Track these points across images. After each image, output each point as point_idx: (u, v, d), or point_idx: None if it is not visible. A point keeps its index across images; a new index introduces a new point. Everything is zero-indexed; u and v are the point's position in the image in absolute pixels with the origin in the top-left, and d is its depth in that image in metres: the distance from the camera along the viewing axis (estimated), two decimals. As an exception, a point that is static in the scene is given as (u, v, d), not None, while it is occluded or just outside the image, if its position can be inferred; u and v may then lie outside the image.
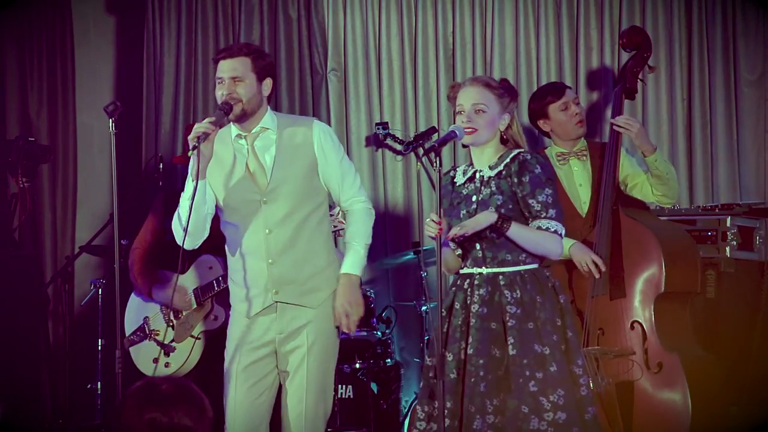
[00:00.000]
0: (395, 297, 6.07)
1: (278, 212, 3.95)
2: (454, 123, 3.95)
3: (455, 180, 4.04)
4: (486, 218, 3.83)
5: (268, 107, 4.05)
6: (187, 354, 4.90)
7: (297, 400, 3.99)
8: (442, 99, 6.07)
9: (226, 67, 3.95)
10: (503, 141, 3.97)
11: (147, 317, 5.06)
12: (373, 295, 5.71)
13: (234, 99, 3.91)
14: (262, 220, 3.95)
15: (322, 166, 4.02)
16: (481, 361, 3.78)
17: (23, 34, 6.48)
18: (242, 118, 3.96)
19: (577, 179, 4.80)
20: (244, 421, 3.97)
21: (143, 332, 5.06)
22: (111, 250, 4.43)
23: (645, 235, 4.60)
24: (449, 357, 3.85)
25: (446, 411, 3.79)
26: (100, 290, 5.70)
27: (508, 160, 3.91)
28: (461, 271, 3.98)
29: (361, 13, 6.18)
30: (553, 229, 3.85)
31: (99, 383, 5.69)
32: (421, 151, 3.77)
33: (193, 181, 3.87)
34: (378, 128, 5.93)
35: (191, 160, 3.86)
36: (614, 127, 4.74)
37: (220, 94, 3.94)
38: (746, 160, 5.71)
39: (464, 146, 4.01)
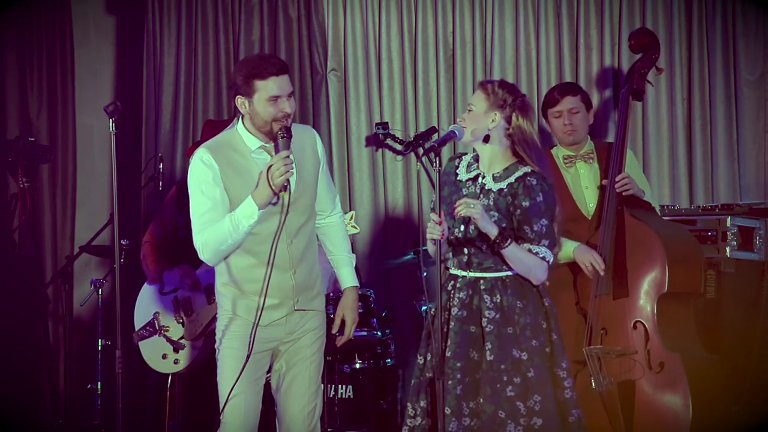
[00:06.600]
0: (395, 297, 6.06)
1: (297, 222, 3.92)
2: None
3: (458, 172, 4.03)
4: (489, 228, 3.81)
5: None
6: (197, 352, 4.89)
7: (305, 399, 3.97)
8: (442, 99, 6.07)
9: (285, 83, 3.78)
10: (513, 151, 3.94)
11: (157, 312, 5.04)
12: (373, 295, 5.71)
13: (290, 119, 3.81)
14: (284, 231, 3.87)
15: (319, 174, 4.02)
16: (458, 364, 3.81)
17: (23, 34, 6.48)
18: None
19: (583, 182, 4.81)
20: (253, 415, 3.92)
21: (153, 327, 5.05)
22: (111, 250, 4.43)
23: (649, 235, 4.60)
24: (428, 357, 3.90)
25: (419, 410, 3.88)
26: (100, 290, 5.70)
27: (513, 179, 3.89)
28: (450, 271, 4.00)
29: (361, 13, 6.18)
30: (542, 255, 3.86)
31: (99, 383, 5.69)
32: (421, 151, 3.77)
33: (283, 214, 3.77)
34: (378, 128, 5.93)
35: (276, 197, 3.77)
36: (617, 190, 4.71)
37: (278, 111, 3.77)
38: (746, 160, 5.71)
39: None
